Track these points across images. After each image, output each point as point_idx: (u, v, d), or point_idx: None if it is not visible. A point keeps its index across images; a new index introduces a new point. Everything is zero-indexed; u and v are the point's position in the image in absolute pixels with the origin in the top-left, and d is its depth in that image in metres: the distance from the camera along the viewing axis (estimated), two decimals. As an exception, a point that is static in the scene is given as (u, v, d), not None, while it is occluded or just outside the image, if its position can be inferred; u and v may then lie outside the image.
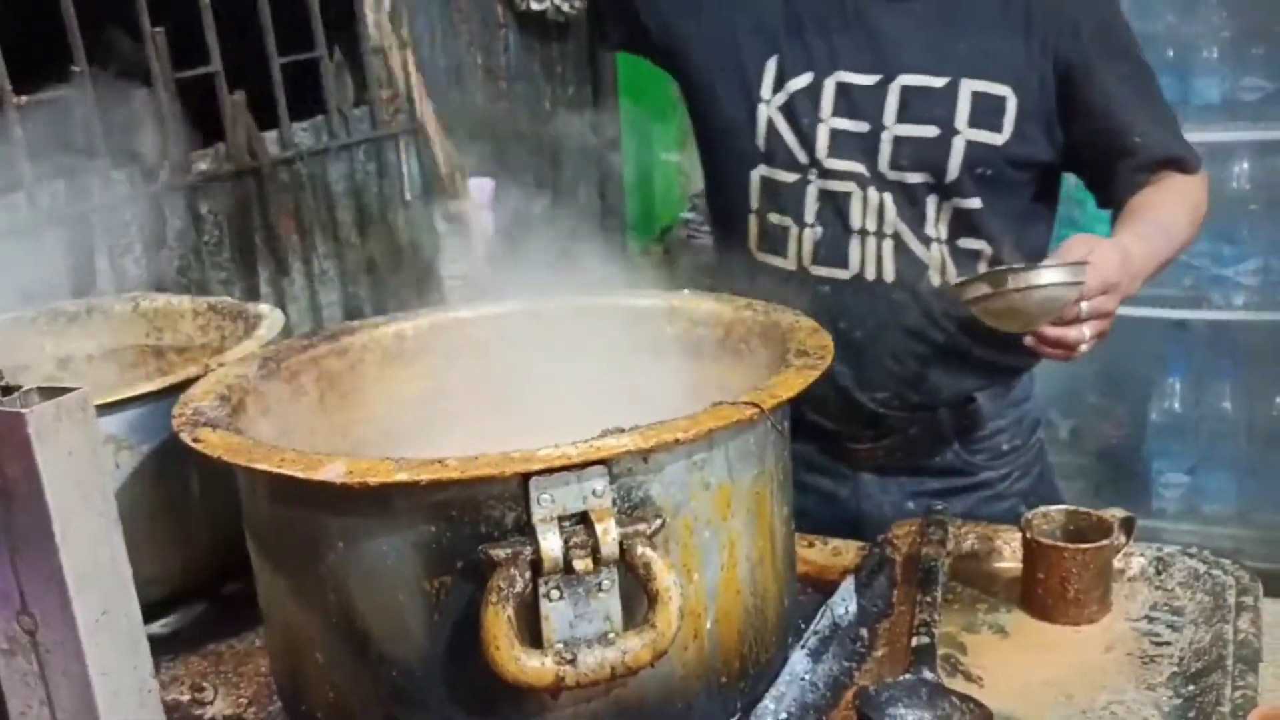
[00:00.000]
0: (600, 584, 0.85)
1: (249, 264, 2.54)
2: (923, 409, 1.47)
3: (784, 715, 0.99)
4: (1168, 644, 1.09)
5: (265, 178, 2.53)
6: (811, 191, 1.40)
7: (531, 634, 0.85)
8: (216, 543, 1.26)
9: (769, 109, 1.41)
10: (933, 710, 0.98)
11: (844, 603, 1.15)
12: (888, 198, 1.38)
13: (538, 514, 0.84)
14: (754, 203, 1.44)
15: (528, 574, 0.84)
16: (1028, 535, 1.15)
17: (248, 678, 1.16)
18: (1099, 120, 1.37)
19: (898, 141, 1.36)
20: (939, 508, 1.32)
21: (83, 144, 2.12)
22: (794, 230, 1.42)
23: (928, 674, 1.01)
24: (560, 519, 0.84)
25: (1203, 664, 1.04)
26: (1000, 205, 1.39)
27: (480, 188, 2.74)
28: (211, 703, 1.12)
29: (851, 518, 1.49)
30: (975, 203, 1.37)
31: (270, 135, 2.57)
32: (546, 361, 1.30)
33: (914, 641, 1.06)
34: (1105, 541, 1.13)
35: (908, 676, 1.01)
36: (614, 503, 0.86)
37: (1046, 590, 1.14)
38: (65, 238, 2.06)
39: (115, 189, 2.23)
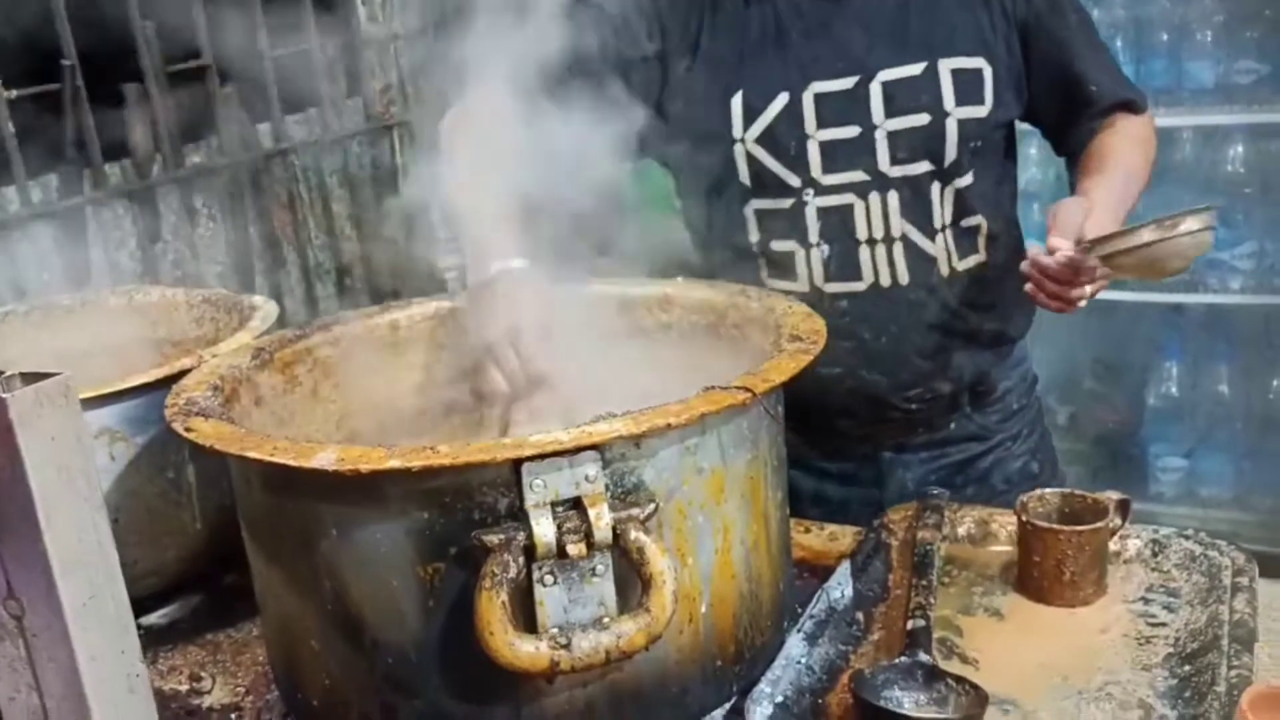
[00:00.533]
0: (594, 569, 0.85)
1: (244, 257, 2.53)
2: (949, 394, 1.48)
3: (780, 698, 0.98)
4: (1163, 625, 1.09)
5: (259, 170, 2.53)
6: (810, 212, 1.39)
7: (526, 619, 0.85)
8: (213, 534, 1.27)
9: (746, 145, 1.39)
10: (928, 692, 0.98)
11: (840, 587, 1.15)
12: (892, 198, 1.37)
13: (530, 499, 0.84)
14: (754, 236, 1.43)
15: (521, 559, 0.84)
16: (1023, 518, 1.15)
17: (245, 667, 1.16)
18: (1056, 74, 1.41)
19: (893, 137, 1.36)
20: (935, 492, 1.33)
21: (74, 138, 2.12)
22: (800, 253, 1.40)
23: (923, 656, 1.01)
24: (553, 504, 0.84)
25: (1198, 644, 1.04)
26: (987, 173, 1.41)
27: (475, 179, 2.73)
28: (209, 692, 1.12)
29: (876, 496, 1.50)
30: (969, 179, 1.39)
31: (263, 128, 2.56)
32: (540, 349, 1.30)
33: (909, 624, 1.06)
34: (1100, 524, 1.13)
35: (903, 659, 1.01)
36: (607, 488, 0.86)
37: (1042, 573, 1.14)
38: (59, 232, 2.06)
39: (108, 183, 2.22)
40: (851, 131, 1.37)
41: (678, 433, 0.90)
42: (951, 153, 1.37)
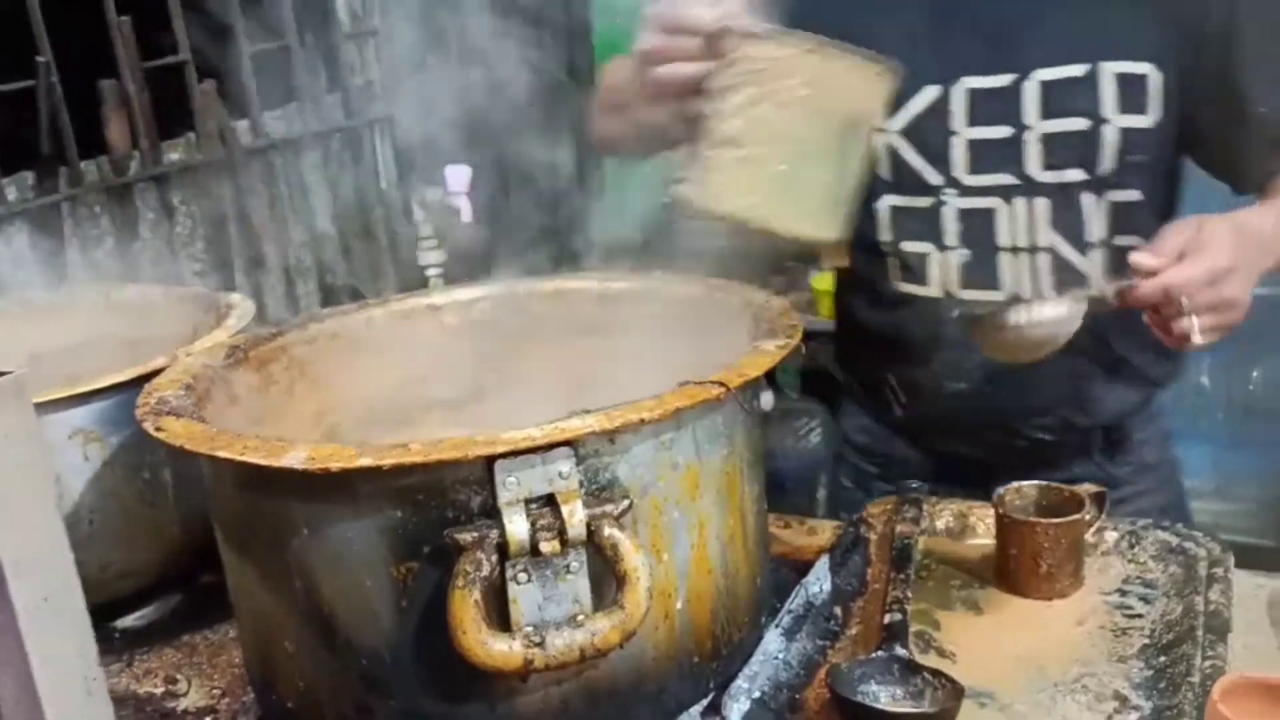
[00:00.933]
0: (568, 566, 0.85)
1: (223, 255, 2.52)
2: (1082, 430, 1.39)
3: (757, 694, 0.99)
4: (1139, 616, 1.10)
5: (238, 167, 2.51)
6: (949, 212, 1.32)
7: (500, 618, 0.85)
8: (189, 534, 1.26)
9: (888, 137, 1.32)
10: (905, 686, 0.98)
11: (818, 581, 1.15)
12: (1040, 206, 1.29)
13: (503, 497, 0.83)
14: (885, 234, 1.36)
15: (494, 557, 0.83)
16: (1000, 511, 1.15)
17: (221, 669, 1.16)
18: (1237, 90, 1.25)
19: (1046, 140, 1.28)
20: (914, 485, 1.33)
21: (50, 135, 2.10)
22: (934, 255, 1.33)
23: (900, 650, 1.01)
24: (526, 501, 0.84)
25: (1174, 635, 1.05)
26: (1152, 191, 1.30)
27: (457, 175, 2.73)
28: (185, 695, 1.12)
29: None
30: (1135, 195, 1.29)
31: (242, 125, 2.55)
32: (519, 346, 1.30)
33: (886, 618, 1.06)
34: (1077, 516, 1.14)
35: (880, 653, 1.01)
36: (580, 484, 0.85)
37: (1019, 565, 1.14)
38: (34, 230, 2.04)
39: (85, 180, 2.21)
40: (1002, 131, 1.29)
41: (652, 428, 0.89)
42: (1107, 162, 1.27)
